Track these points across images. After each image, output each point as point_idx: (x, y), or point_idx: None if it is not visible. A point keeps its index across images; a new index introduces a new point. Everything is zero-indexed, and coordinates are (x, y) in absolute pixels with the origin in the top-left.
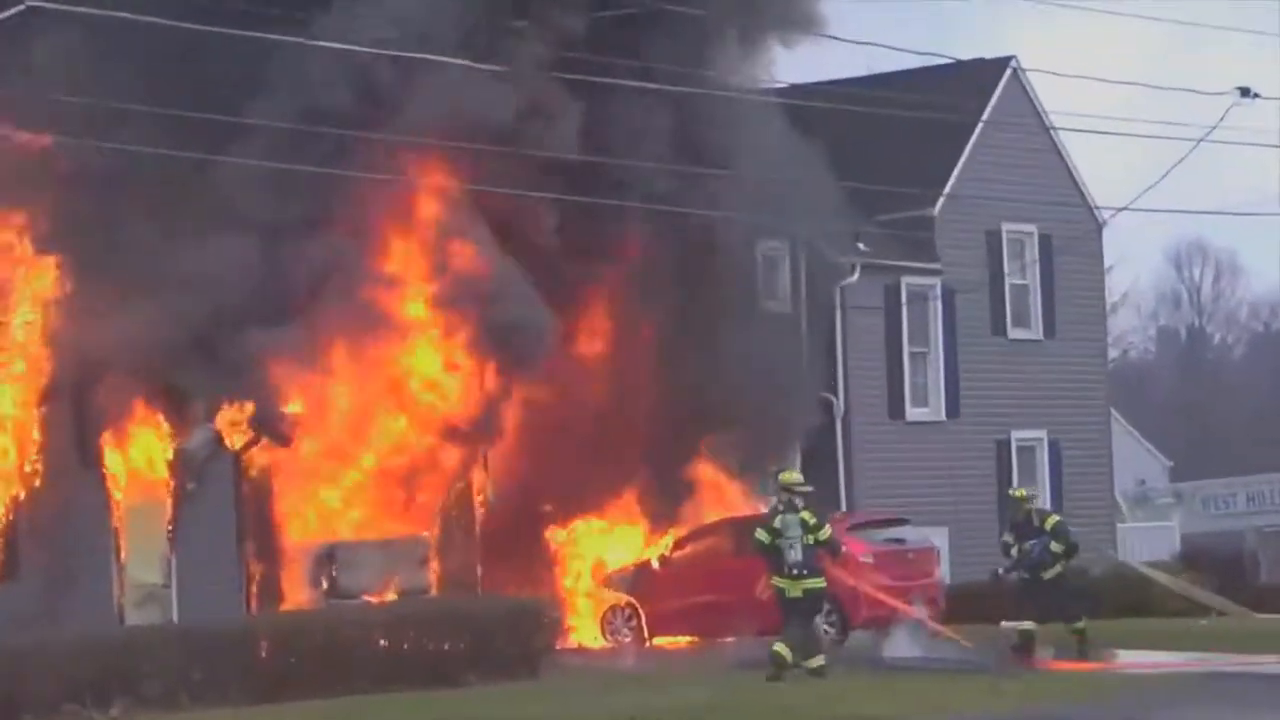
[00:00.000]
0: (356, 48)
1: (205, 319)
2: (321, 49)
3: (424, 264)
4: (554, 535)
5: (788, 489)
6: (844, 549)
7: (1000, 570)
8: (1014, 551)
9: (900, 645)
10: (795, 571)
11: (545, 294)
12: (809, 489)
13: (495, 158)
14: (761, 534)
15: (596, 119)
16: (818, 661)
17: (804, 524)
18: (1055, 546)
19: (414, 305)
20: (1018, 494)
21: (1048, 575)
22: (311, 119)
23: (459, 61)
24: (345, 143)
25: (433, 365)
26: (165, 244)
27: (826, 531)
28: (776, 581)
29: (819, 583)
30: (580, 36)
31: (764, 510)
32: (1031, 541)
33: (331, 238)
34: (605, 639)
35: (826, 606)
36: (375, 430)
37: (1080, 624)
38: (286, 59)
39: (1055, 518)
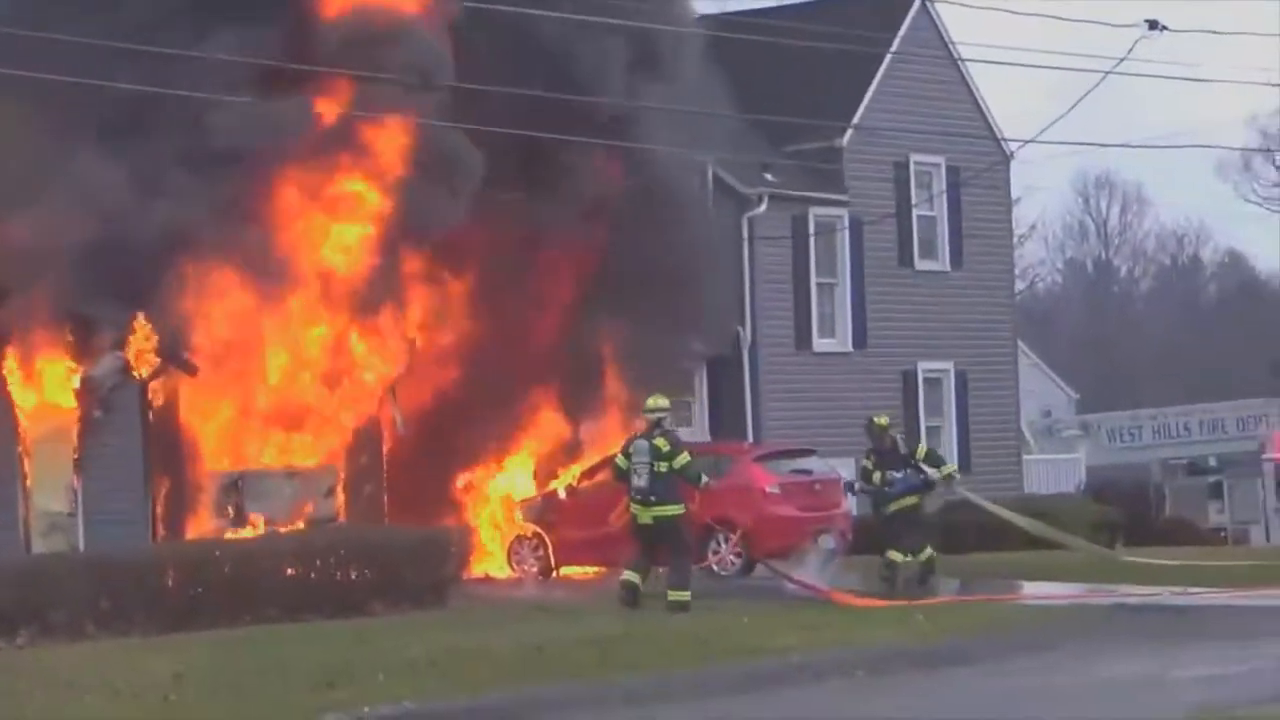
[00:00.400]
0: None
1: (106, 233)
2: None
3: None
4: (462, 465)
5: (649, 413)
6: (707, 480)
7: (856, 486)
8: (875, 478)
9: (807, 575)
10: (639, 497)
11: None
12: (665, 414)
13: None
14: (619, 459)
15: (507, 44)
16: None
17: (655, 450)
18: (947, 469)
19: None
20: (881, 421)
21: (892, 509)
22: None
23: None
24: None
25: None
26: (66, 156)
27: (683, 459)
28: (631, 507)
29: (669, 510)
30: None
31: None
32: (897, 473)
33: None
34: (512, 569)
35: (732, 537)
36: (282, 353)
37: (900, 555)
38: None
39: (925, 446)
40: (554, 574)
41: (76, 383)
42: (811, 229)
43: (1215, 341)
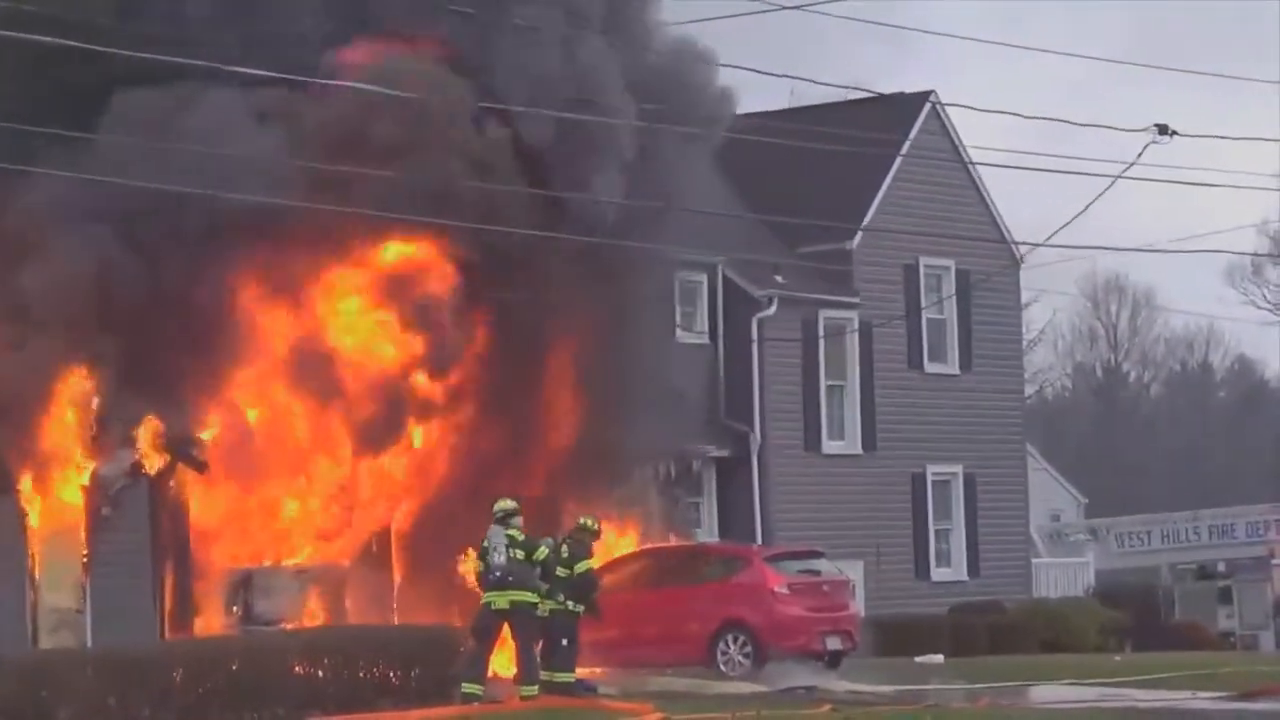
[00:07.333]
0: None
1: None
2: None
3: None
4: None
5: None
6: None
7: None
8: None
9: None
10: (499, 575)
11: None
12: (506, 513)
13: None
14: (484, 544)
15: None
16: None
17: (511, 538)
18: None
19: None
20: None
21: None
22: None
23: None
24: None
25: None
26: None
27: (542, 551)
28: (485, 595)
29: (527, 595)
30: None
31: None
32: None
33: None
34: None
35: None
36: (296, 453)
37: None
38: None
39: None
40: None
41: (85, 479)
42: (821, 331)
43: (1224, 447)
